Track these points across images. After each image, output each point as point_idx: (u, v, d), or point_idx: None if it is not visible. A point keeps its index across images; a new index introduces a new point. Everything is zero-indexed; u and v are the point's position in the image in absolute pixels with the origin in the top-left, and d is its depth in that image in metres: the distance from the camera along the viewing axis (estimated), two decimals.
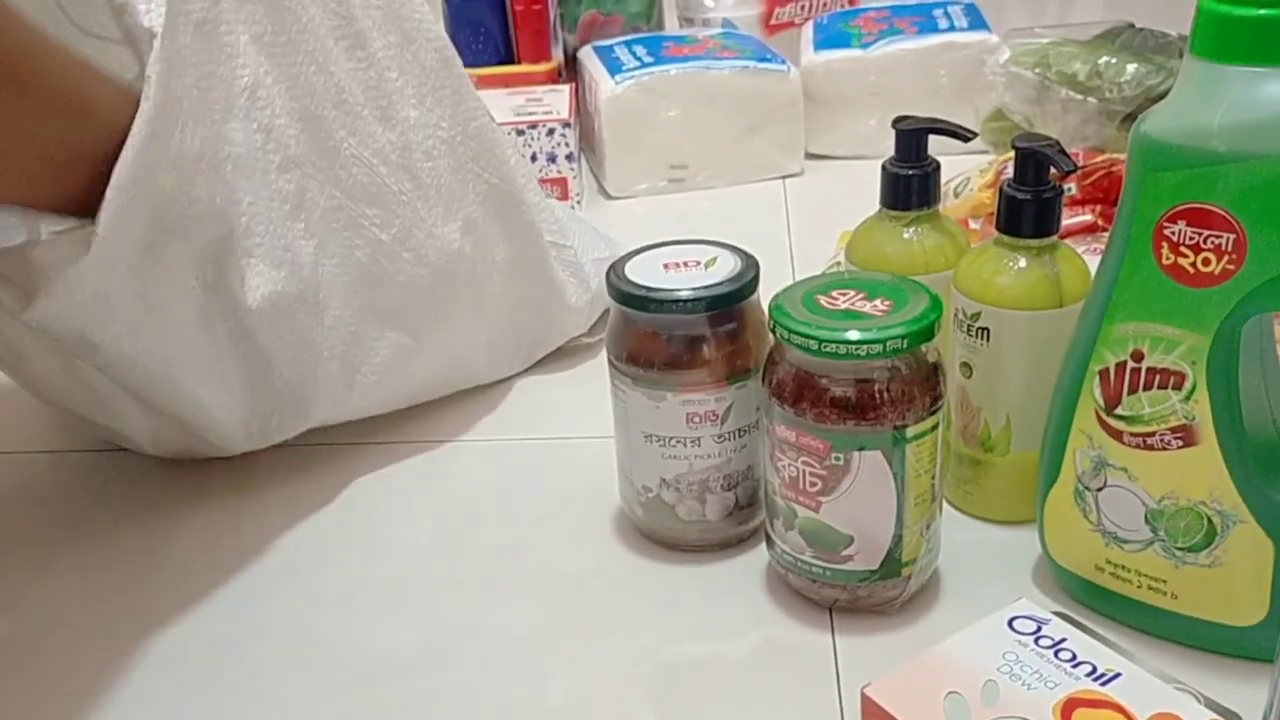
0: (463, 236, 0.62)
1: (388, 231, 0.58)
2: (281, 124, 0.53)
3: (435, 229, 0.60)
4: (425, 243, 0.60)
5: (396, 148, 0.58)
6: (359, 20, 0.57)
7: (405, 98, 0.59)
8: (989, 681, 0.44)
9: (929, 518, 0.49)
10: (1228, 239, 0.40)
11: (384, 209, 0.58)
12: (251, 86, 0.52)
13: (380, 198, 0.58)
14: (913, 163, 0.55)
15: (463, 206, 0.62)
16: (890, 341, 0.45)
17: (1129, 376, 0.43)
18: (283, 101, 0.53)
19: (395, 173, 0.58)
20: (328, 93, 0.55)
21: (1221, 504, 0.43)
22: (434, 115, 0.61)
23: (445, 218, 0.61)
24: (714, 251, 0.54)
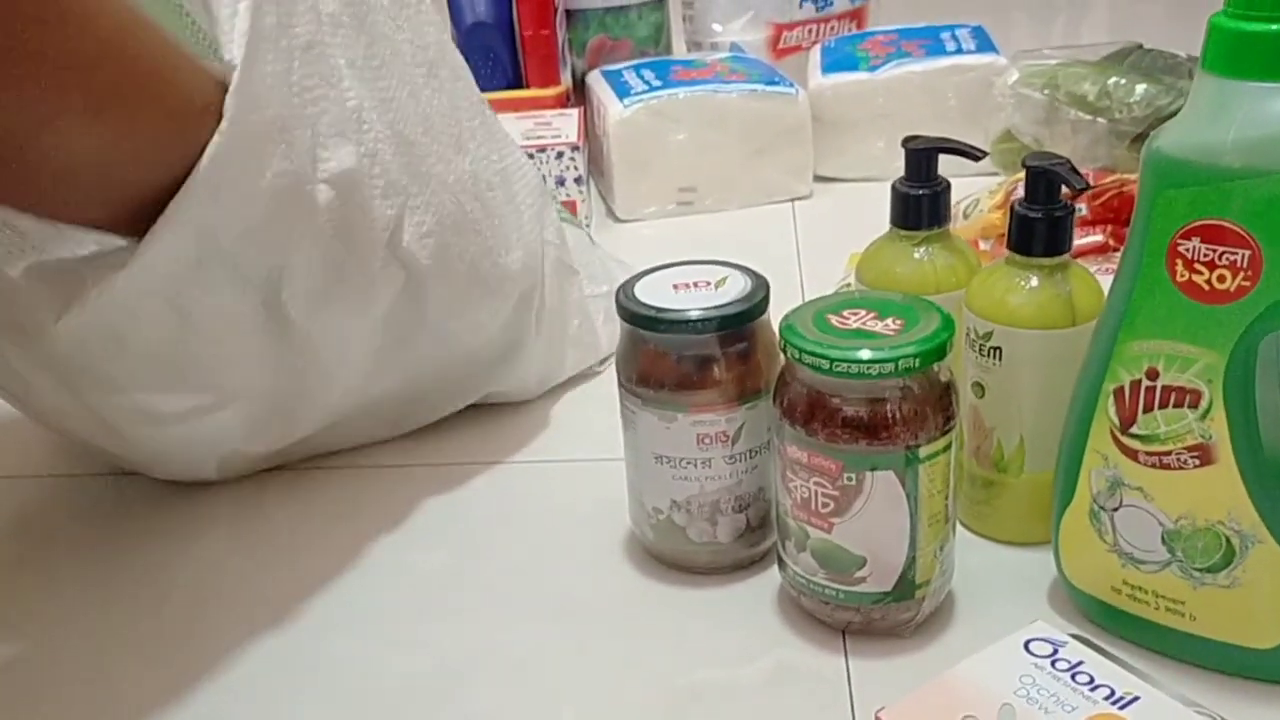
0: (523, 266, 0.62)
1: (464, 260, 0.58)
2: (382, 149, 0.53)
3: (500, 258, 0.61)
4: (491, 272, 0.60)
5: (470, 175, 0.59)
6: (431, 49, 0.58)
7: (466, 128, 0.60)
8: (1005, 705, 0.43)
9: (943, 539, 0.48)
10: (1242, 255, 0.39)
11: (462, 237, 0.58)
12: (357, 109, 0.52)
13: (460, 226, 0.58)
14: (923, 182, 0.54)
15: (521, 236, 0.63)
16: (902, 361, 0.44)
17: (1144, 395, 0.43)
18: (381, 126, 0.53)
19: (470, 200, 0.59)
20: (418, 118, 0.56)
21: (1240, 524, 0.42)
22: (486, 148, 0.61)
23: (508, 247, 0.61)
24: (724, 271, 0.53)
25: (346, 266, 0.53)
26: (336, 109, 0.51)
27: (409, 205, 0.55)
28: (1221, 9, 0.39)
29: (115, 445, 0.59)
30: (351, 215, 0.52)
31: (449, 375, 0.64)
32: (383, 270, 0.55)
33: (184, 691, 0.49)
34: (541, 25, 1.02)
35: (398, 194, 0.54)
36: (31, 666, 0.52)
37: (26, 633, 0.54)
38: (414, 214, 0.55)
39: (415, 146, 0.55)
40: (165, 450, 0.59)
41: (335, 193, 0.51)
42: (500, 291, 0.61)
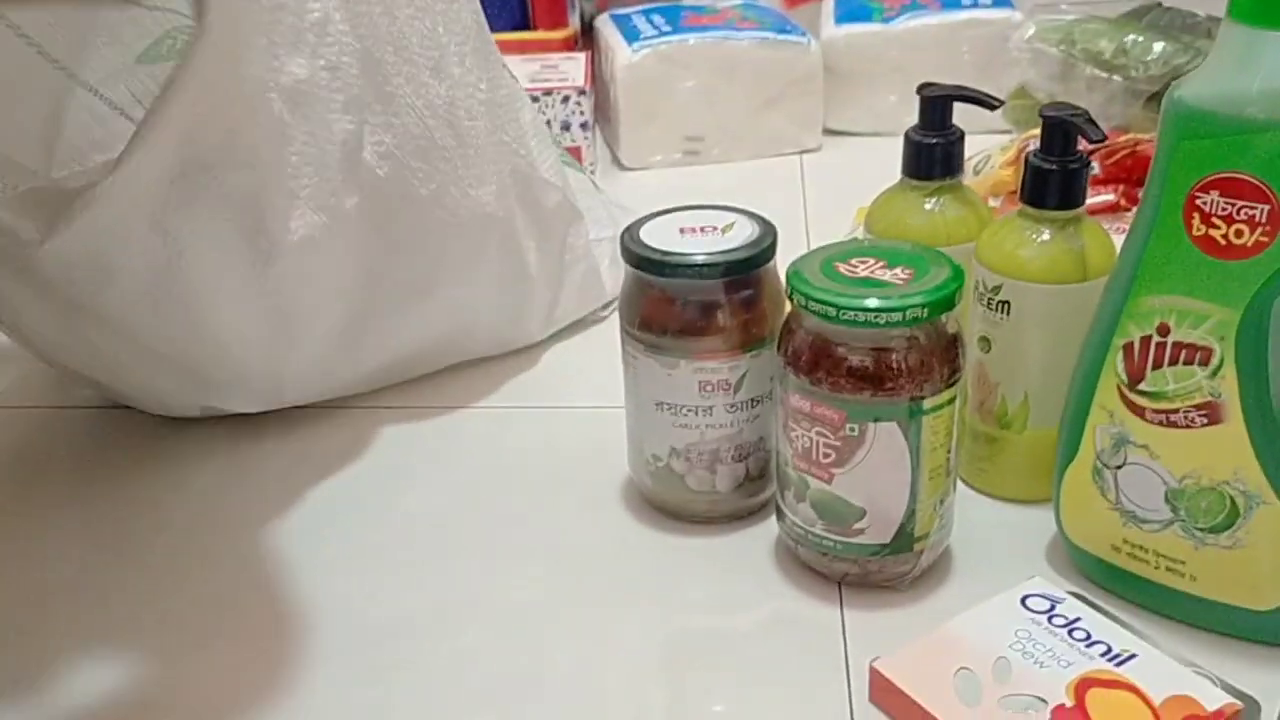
0: (496, 201, 0.61)
1: (428, 186, 0.58)
2: (346, 63, 0.52)
3: (470, 189, 0.60)
4: (460, 201, 0.59)
5: (445, 102, 0.58)
6: None
7: (451, 54, 0.58)
8: (1000, 659, 0.43)
9: (943, 493, 0.48)
10: (1262, 210, 0.38)
11: (428, 163, 0.57)
12: (321, 22, 0.51)
13: (426, 151, 0.57)
14: (936, 131, 0.53)
15: (498, 171, 0.61)
16: (910, 310, 0.44)
17: (1154, 351, 0.42)
18: (348, 40, 0.52)
19: (442, 127, 0.58)
20: (390, 37, 0.54)
21: (1245, 484, 0.42)
22: (474, 75, 0.60)
23: (480, 180, 0.60)
24: (731, 217, 0.53)
25: (311, 185, 0.53)
26: (294, 19, 0.50)
27: (369, 122, 0.54)
28: None
29: (108, 378, 0.59)
30: (311, 128, 0.52)
31: (442, 333, 0.63)
32: (343, 185, 0.54)
33: (177, 620, 0.49)
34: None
35: (358, 110, 0.53)
36: (24, 597, 0.51)
37: (19, 564, 0.54)
38: (374, 132, 0.54)
39: (383, 65, 0.54)
40: (156, 387, 0.59)
41: (288, 103, 0.50)
42: (469, 228, 0.60)
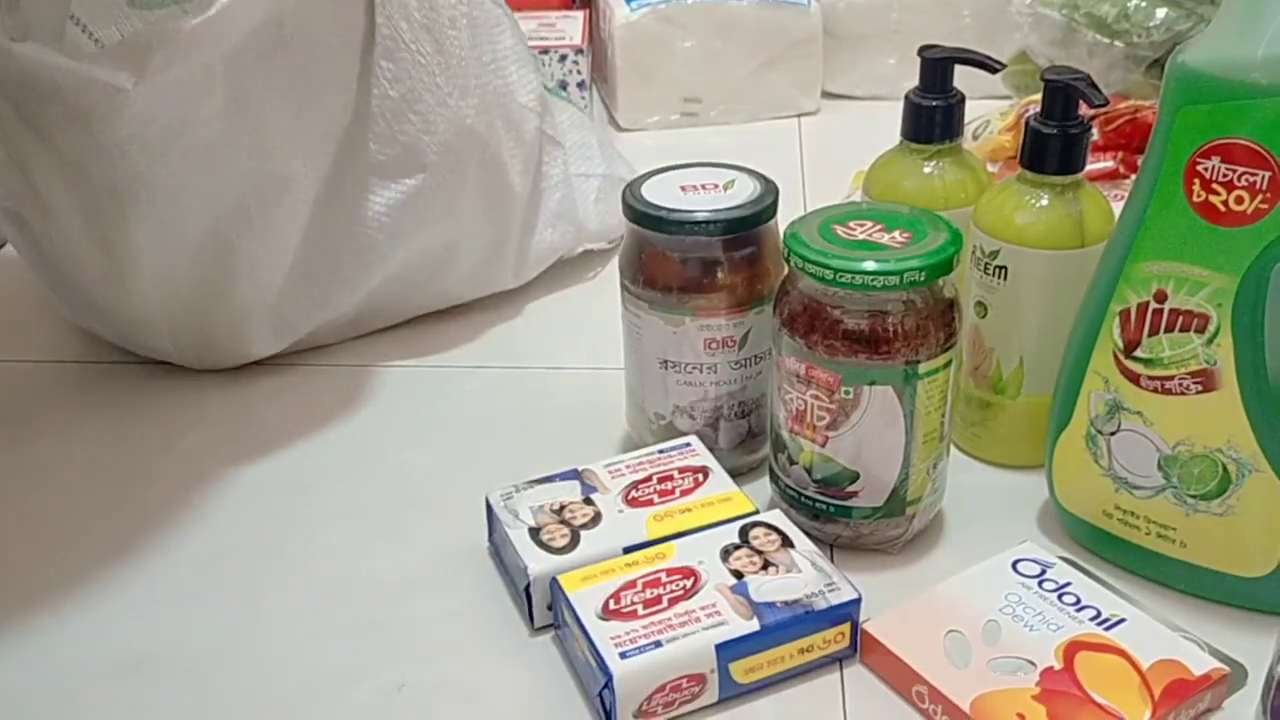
0: (477, 115, 0.61)
1: (397, 88, 0.58)
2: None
3: (449, 99, 0.60)
4: (435, 110, 0.59)
5: (423, 7, 0.58)
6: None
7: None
8: (990, 621, 0.43)
9: (936, 457, 0.48)
10: (1263, 176, 0.38)
11: (396, 64, 0.58)
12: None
13: (394, 53, 0.58)
14: (937, 93, 0.53)
15: (481, 87, 0.62)
16: (907, 274, 0.43)
17: (1150, 317, 0.42)
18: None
19: (415, 31, 0.58)
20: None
21: (1238, 452, 0.42)
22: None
23: (462, 93, 0.61)
24: (732, 174, 0.52)
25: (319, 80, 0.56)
26: None
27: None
28: None
29: (111, 298, 0.59)
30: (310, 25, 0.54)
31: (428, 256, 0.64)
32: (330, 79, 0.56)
33: (167, 574, 0.49)
34: None
35: None
36: (15, 549, 0.51)
37: (10, 516, 0.53)
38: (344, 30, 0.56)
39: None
40: (158, 314, 0.59)
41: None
42: (448, 139, 0.60)
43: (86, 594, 0.49)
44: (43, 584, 0.49)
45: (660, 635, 0.41)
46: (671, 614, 0.42)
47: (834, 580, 0.43)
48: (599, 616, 0.42)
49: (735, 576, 0.44)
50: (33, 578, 0.50)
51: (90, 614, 0.48)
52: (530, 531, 0.46)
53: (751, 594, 0.43)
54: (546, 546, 0.46)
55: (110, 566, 0.50)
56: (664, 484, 0.49)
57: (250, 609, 0.48)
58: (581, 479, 0.49)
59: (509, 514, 0.47)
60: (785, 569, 0.44)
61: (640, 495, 0.48)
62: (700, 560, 0.44)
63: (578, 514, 0.47)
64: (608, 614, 0.42)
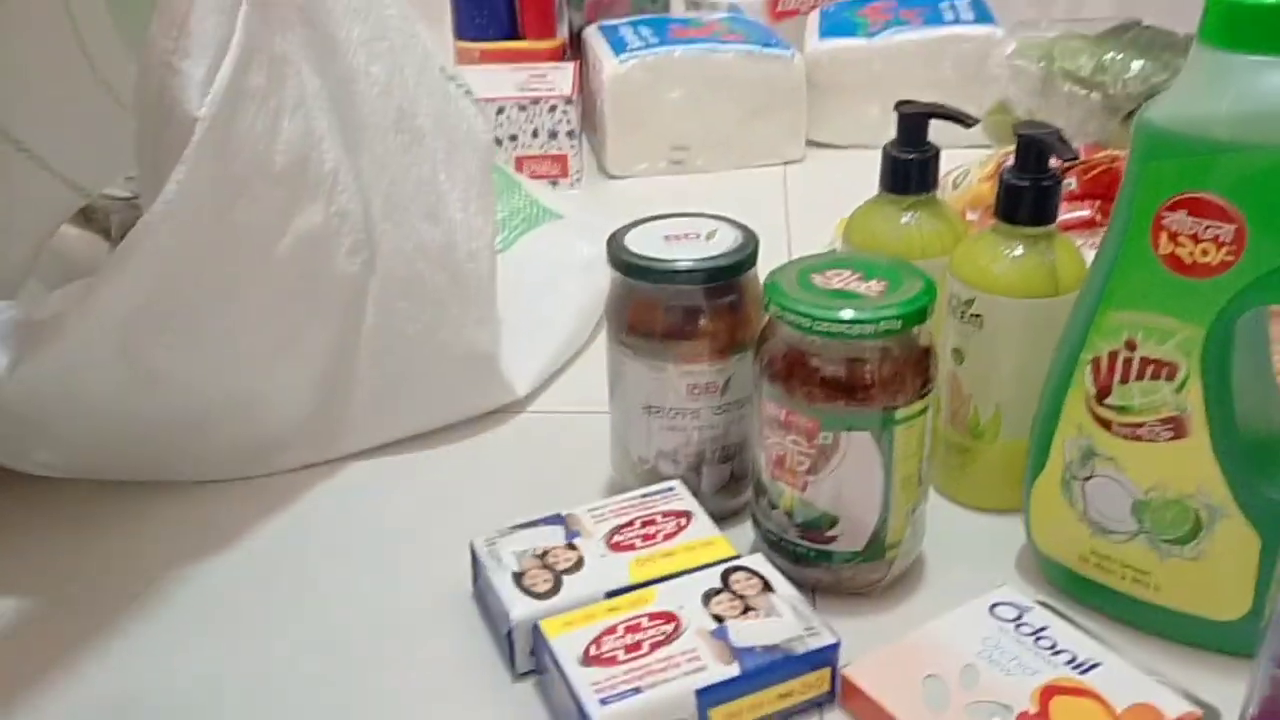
0: (493, 343, 0.62)
1: (414, 325, 0.59)
2: (354, 209, 0.55)
3: (465, 330, 0.60)
4: (452, 340, 0.60)
5: (441, 247, 0.59)
6: (420, 118, 0.58)
7: (452, 200, 0.60)
8: (968, 665, 0.43)
9: (915, 502, 0.49)
10: (1227, 230, 0.39)
11: (413, 304, 0.58)
12: (334, 171, 0.54)
13: (413, 293, 0.58)
14: (914, 147, 0.54)
15: (497, 313, 0.62)
16: (883, 322, 0.44)
17: (1121, 366, 0.43)
18: (354, 190, 0.55)
19: (434, 270, 0.59)
20: (378, 186, 0.56)
21: (1209, 497, 0.43)
22: (479, 220, 0.61)
23: (481, 321, 0.61)
24: (714, 224, 0.53)
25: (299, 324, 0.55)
26: (315, 169, 0.52)
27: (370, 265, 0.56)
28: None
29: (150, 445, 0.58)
30: (316, 270, 0.54)
31: None
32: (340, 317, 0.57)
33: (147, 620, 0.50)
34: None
35: (362, 250, 0.56)
36: None
37: None
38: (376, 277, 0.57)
39: (369, 207, 0.56)
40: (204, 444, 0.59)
41: (299, 248, 0.53)
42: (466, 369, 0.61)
43: (71, 640, 0.49)
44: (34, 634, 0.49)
45: (640, 682, 0.41)
46: (652, 659, 0.42)
47: (814, 625, 0.44)
48: (580, 662, 0.42)
49: (716, 621, 0.44)
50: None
51: (77, 659, 0.48)
52: (513, 576, 0.47)
53: (732, 639, 0.43)
54: (529, 591, 0.46)
55: (97, 615, 0.50)
56: (647, 528, 0.49)
57: (236, 653, 0.48)
58: (565, 524, 0.50)
59: (492, 559, 0.48)
60: (766, 613, 0.44)
61: (623, 539, 0.49)
62: (681, 605, 0.45)
63: (560, 558, 0.48)
64: (589, 660, 0.42)
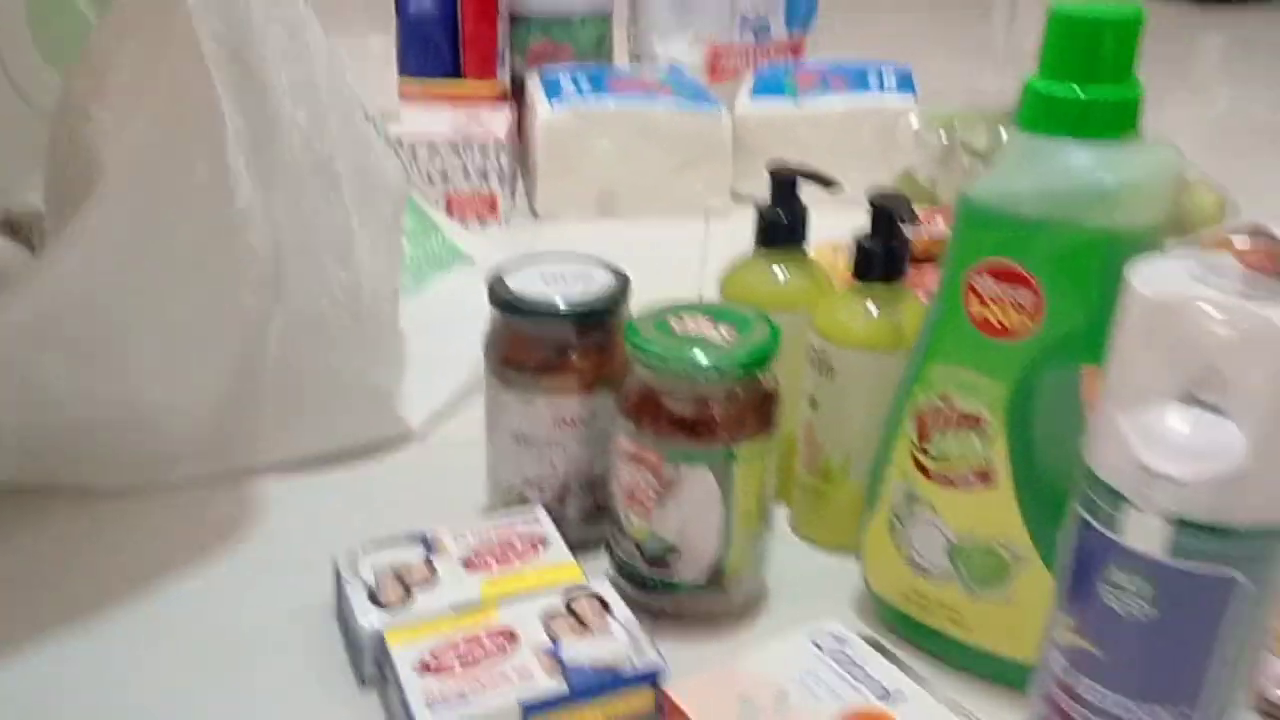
0: (392, 381, 0.65)
1: (317, 361, 0.61)
2: (262, 244, 0.57)
3: (365, 368, 0.63)
4: (352, 378, 0.63)
5: (347, 288, 0.62)
6: (338, 162, 0.61)
7: (362, 243, 0.63)
8: (782, 691, 0.46)
9: (755, 536, 0.51)
10: (1027, 296, 0.43)
11: (318, 341, 0.61)
12: (247, 210, 0.56)
13: (317, 330, 0.61)
14: (784, 206, 0.58)
15: (398, 354, 0.65)
16: (726, 366, 0.48)
17: (938, 417, 0.47)
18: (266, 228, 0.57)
19: (339, 310, 0.61)
20: (292, 226, 0.59)
21: (1013, 544, 0.46)
22: (385, 264, 0.64)
23: (380, 361, 0.64)
24: (590, 267, 0.57)
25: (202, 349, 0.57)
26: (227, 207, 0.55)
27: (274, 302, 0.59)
28: (1036, 73, 0.43)
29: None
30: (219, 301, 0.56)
31: None
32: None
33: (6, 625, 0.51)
34: (482, 23, 1.05)
35: (264, 286, 0.58)
36: None
37: None
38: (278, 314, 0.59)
39: (282, 247, 0.58)
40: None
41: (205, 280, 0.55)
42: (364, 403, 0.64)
43: None
44: None
45: (470, 692, 0.44)
46: (485, 672, 0.45)
47: (643, 648, 0.47)
48: (416, 672, 0.45)
49: (552, 640, 0.47)
50: None
51: None
52: (368, 590, 0.49)
53: (563, 656, 0.46)
54: (380, 604, 0.48)
55: None
56: (503, 550, 0.52)
57: (92, 657, 0.50)
58: (426, 543, 0.52)
59: (351, 573, 0.50)
60: (600, 635, 0.47)
61: (478, 560, 0.51)
62: (522, 623, 0.47)
63: (416, 575, 0.50)
64: (425, 670, 0.45)
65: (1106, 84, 0.41)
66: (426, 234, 0.84)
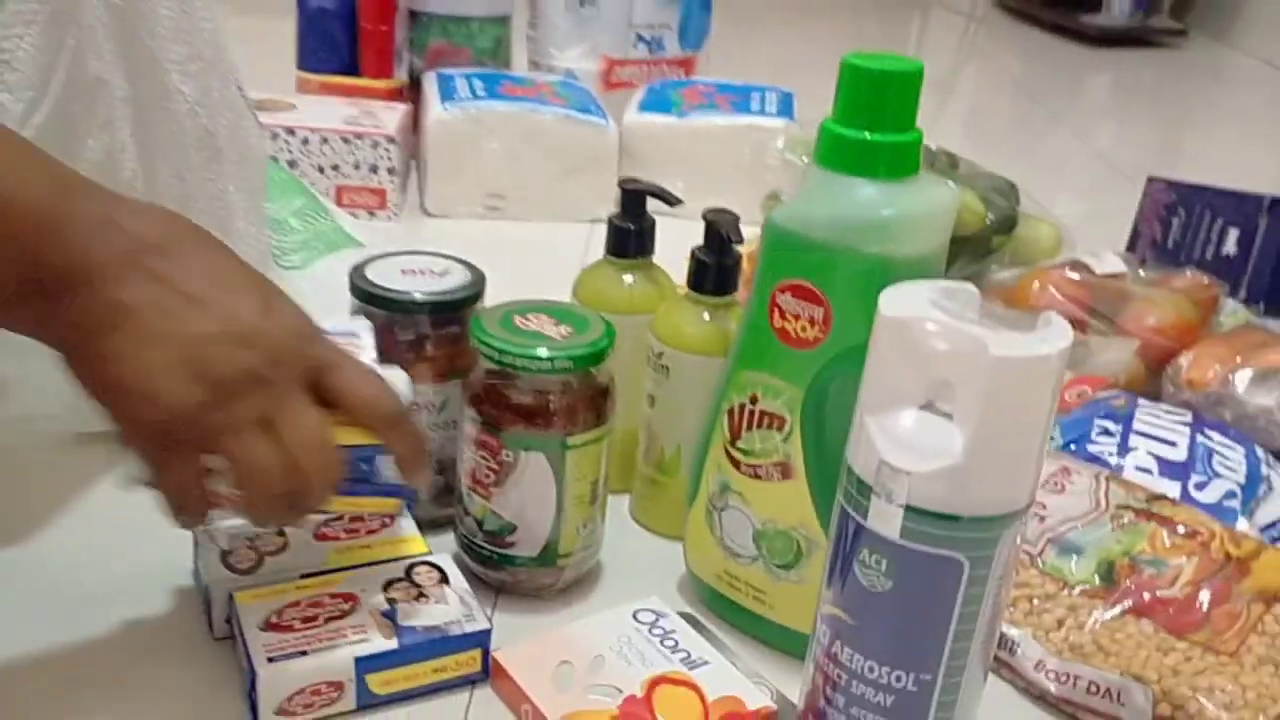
0: None
1: None
2: None
3: None
4: None
5: None
6: (220, 135, 0.63)
7: (239, 212, 0.65)
8: (598, 656, 0.51)
9: (587, 519, 0.57)
10: (819, 312, 0.49)
11: None
12: (131, 180, 0.58)
13: None
14: (633, 218, 0.63)
15: None
16: (560, 361, 0.53)
17: (746, 416, 0.52)
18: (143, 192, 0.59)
19: None
20: (175, 196, 0.61)
21: (808, 531, 0.52)
22: (256, 229, 0.67)
23: None
24: (448, 264, 0.61)
25: None
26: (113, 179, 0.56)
27: None
28: (831, 116, 0.48)
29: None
30: None
31: None
32: None
33: None
34: (381, 21, 1.08)
35: None
36: None
37: None
38: None
39: None
40: None
41: None
42: None
43: None
44: None
45: (308, 646, 0.48)
46: (324, 630, 0.49)
47: (473, 613, 0.51)
48: (260, 628, 0.49)
49: (390, 604, 0.51)
50: None
51: None
52: (221, 553, 0.53)
53: (398, 618, 0.50)
54: (231, 567, 0.52)
55: None
56: (354, 523, 0.56)
57: None
58: None
59: (207, 538, 0.54)
60: (435, 601, 0.52)
61: (330, 531, 0.55)
62: (363, 589, 0.52)
63: (269, 543, 0.54)
64: (269, 627, 0.49)
65: (890, 129, 0.47)
66: (318, 215, 0.87)
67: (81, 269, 0.42)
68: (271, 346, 0.43)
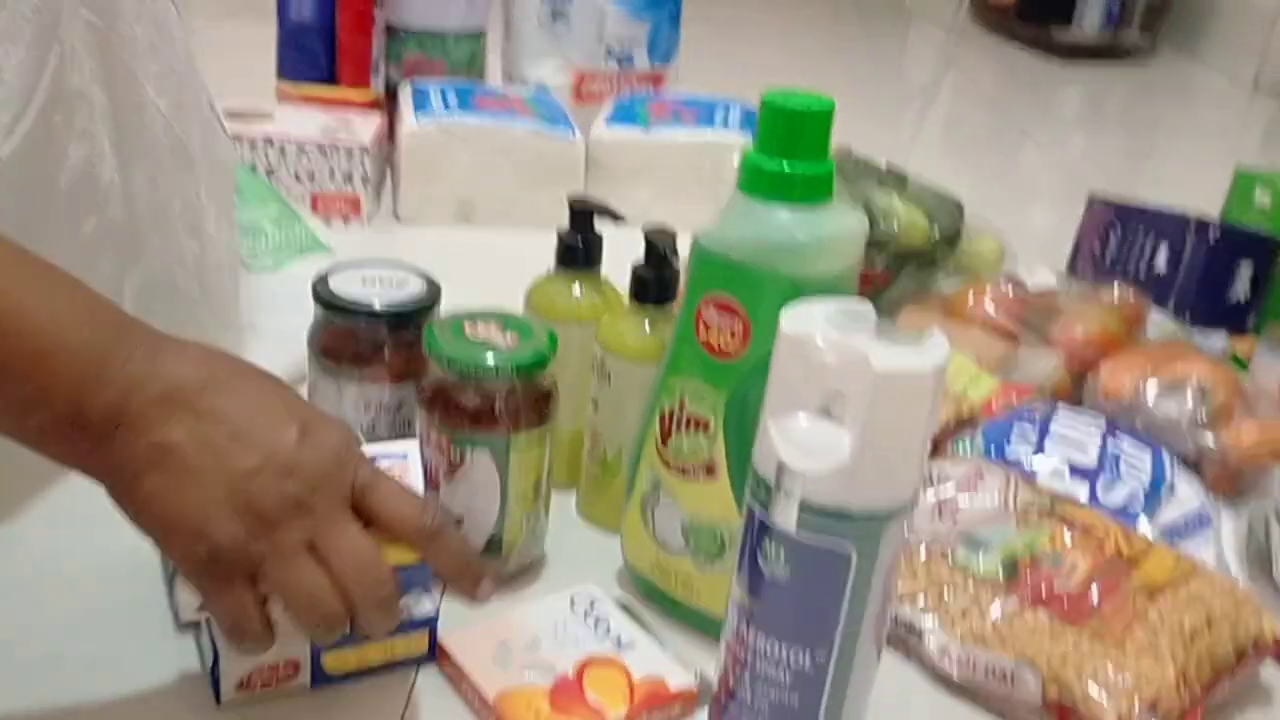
0: (235, 347, 0.71)
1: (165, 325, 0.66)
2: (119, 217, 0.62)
3: (209, 333, 0.69)
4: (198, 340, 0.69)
5: (196, 257, 0.68)
6: (193, 144, 0.67)
7: (209, 216, 0.69)
8: (534, 638, 0.56)
9: (530, 514, 0.61)
10: (739, 325, 0.53)
11: (169, 306, 0.66)
12: (109, 185, 0.61)
13: (169, 297, 0.66)
14: (581, 233, 0.68)
15: (239, 320, 0.72)
16: (502, 367, 0.57)
17: (675, 419, 0.57)
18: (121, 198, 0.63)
19: (188, 277, 0.67)
20: (150, 201, 0.64)
21: (730, 526, 0.56)
22: (226, 235, 0.71)
23: (225, 326, 0.71)
24: (406, 275, 0.65)
25: None
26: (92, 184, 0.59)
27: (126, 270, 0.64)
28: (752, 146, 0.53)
29: None
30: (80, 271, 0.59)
31: None
32: None
33: None
34: (358, 34, 1.12)
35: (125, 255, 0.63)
36: None
37: None
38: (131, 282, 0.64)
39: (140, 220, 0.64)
40: None
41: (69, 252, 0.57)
42: None
43: None
44: None
45: None
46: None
47: (422, 600, 0.56)
48: None
49: None
50: None
51: None
52: None
53: None
54: None
55: None
56: None
57: None
58: None
59: None
60: None
61: None
62: None
63: None
64: None
65: (805, 160, 0.51)
66: (290, 221, 0.92)
67: (124, 413, 0.43)
68: (311, 473, 0.45)
